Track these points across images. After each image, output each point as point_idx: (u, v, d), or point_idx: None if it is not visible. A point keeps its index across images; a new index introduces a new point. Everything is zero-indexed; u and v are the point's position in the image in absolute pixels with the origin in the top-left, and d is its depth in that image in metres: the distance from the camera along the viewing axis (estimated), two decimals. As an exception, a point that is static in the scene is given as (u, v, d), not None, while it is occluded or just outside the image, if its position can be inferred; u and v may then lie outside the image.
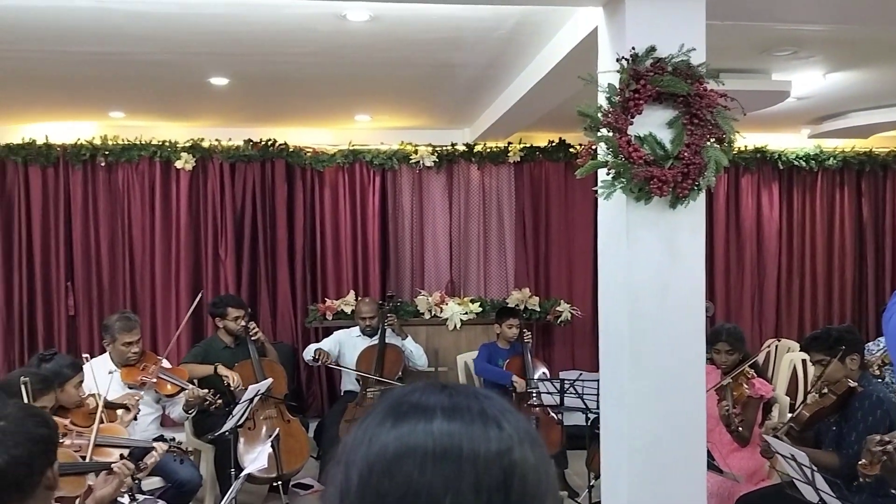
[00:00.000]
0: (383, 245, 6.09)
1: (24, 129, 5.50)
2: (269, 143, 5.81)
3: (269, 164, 5.88)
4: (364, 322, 5.18)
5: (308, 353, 5.15)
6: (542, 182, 6.22)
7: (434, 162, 6.01)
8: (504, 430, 0.70)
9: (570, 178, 6.20)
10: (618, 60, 2.61)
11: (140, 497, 3.20)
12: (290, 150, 5.87)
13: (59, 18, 3.16)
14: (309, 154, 5.92)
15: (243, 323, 4.73)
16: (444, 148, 6.04)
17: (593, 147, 2.71)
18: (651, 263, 2.64)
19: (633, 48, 2.61)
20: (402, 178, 6.12)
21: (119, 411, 3.49)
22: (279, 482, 4.42)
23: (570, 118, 5.27)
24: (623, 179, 2.54)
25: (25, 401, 2.46)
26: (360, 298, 5.54)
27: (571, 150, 6.10)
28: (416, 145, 6.01)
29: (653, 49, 2.61)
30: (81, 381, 3.27)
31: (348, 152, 5.95)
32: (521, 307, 5.56)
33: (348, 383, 5.26)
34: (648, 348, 2.63)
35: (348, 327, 5.38)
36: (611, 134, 2.55)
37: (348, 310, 5.62)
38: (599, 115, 2.56)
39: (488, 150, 6.08)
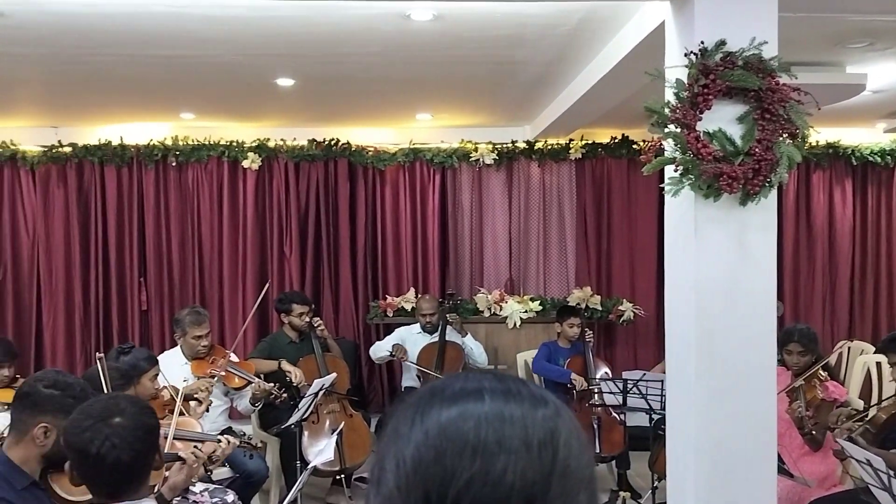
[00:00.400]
0: (443, 243, 6.12)
1: (101, 131, 5.72)
2: (332, 142, 5.90)
3: (332, 163, 5.98)
4: (424, 319, 5.22)
5: (380, 349, 5.17)
6: (603, 179, 6.16)
7: (494, 159, 6.01)
8: (549, 406, 0.76)
9: (633, 174, 6.12)
10: (686, 55, 2.56)
11: (210, 486, 3.31)
12: (353, 149, 5.96)
13: (136, 23, 3.29)
14: (370, 153, 6.00)
15: (307, 319, 4.83)
16: (504, 145, 6.04)
17: (659, 143, 2.67)
18: (720, 262, 2.58)
19: (703, 42, 2.56)
20: (462, 176, 6.14)
21: (192, 403, 3.61)
22: (342, 475, 4.51)
23: (633, 114, 5.25)
24: (691, 176, 2.49)
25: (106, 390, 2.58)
26: (420, 296, 5.59)
27: (635, 146, 6.02)
28: (476, 143, 6.02)
29: (723, 43, 2.56)
30: (157, 375, 3.40)
31: (409, 151, 6.01)
32: (583, 306, 5.52)
33: (408, 380, 5.31)
34: (717, 349, 2.58)
35: (408, 324, 5.43)
36: (679, 130, 2.50)
37: (408, 307, 5.67)
38: (667, 111, 2.52)
39: (549, 147, 6.05)
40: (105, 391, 2.63)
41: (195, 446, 2.60)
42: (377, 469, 0.76)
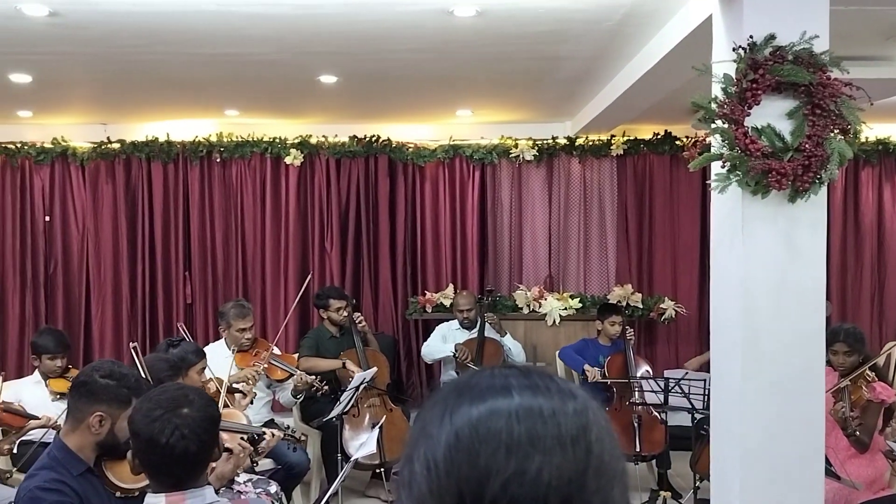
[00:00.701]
0: (482, 239, 6.12)
1: (148, 128, 5.84)
2: (373, 139, 5.95)
3: (373, 159, 6.02)
4: (462, 315, 5.23)
5: (438, 350, 5.15)
6: (645, 175, 6.09)
7: (534, 156, 5.99)
8: (578, 399, 0.75)
9: (676, 171, 6.04)
10: (734, 49, 2.53)
11: (254, 477, 3.37)
12: (393, 145, 5.99)
13: (186, 22, 3.36)
14: (411, 149, 6.02)
15: (345, 314, 4.88)
16: (545, 141, 6.01)
17: (705, 139, 2.64)
18: (768, 260, 2.54)
19: (751, 37, 2.52)
20: (502, 172, 6.13)
21: (236, 395, 3.68)
22: (381, 469, 4.56)
23: (676, 110, 5.18)
24: (739, 172, 2.46)
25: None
26: (458, 292, 5.60)
27: (678, 142, 5.95)
28: (517, 139, 6.00)
29: (772, 37, 2.52)
30: (204, 368, 3.47)
31: (449, 147, 6.02)
32: (624, 304, 5.47)
33: (447, 375, 5.33)
34: (764, 348, 2.54)
35: (447, 320, 5.45)
36: (726, 125, 2.47)
37: (447, 303, 5.69)
38: (714, 106, 2.49)
39: (590, 143, 6.00)
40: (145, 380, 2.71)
41: (242, 437, 2.65)
42: (407, 470, 0.75)
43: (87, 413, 2.12)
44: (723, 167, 2.50)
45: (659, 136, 6.01)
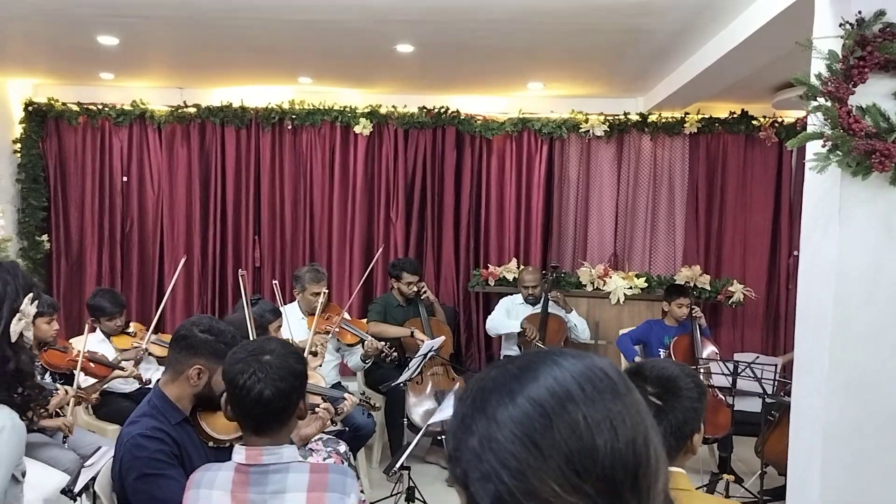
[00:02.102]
0: (547, 214, 6.08)
1: (222, 93, 5.95)
2: (442, 110, 5.94)
3: (441, 130, 6.02)
4: (527, 291, 5.22)
5: (503, 325, 5.15)
6: (719, 155, 5.95)
7: (605, 131, 5.91)
8: (605, 359, 0.79)
9: (751, 151, 5.90)
10: (841, 25, 2.43)
11: (324, 436, 3.46)
12: (461, 117, 5.97)
13: (274, -12, 3.39)
14: (479, 122, 6.00)
15: (415, 288, 4.94)
16: (616, 117, 5.92)
17: (804, 118, 2.56)
18: (864, 244, 2.47)
19: (860, 12, 2.42)
20: (571, 147, 6.07)
21: (308, 357, 3.75)
22: (442, 437, 4.62)
23: (756, 88, 5.05)
24: (840, 153, 2.38)
25: (251, 335, 2.72)
26: (523, 267, 5.59)
27: (754, 122, 5.79)
28: (587, 114, 5.92)
29: (882, 13, 2.42)
30: (280, 326, 3.56)
31: (517, 120, 5.97)
32: (691, 285, 5.39)
33: (508, 349, 5.35)
34: (855, 336, 2.48)
35: (509, 294, 5.46)
36: (829, 104, 2.39)
37: (510, 277, 5.69)
38: (818, 83, 2.41)
39: (663, 120, 5.89)
40: (250, 333, 2.80)
41: (323, 399, 2.71)
42: (463, 446, 0.75)
43: (187, 365, 2.20)
44: (823, 146, 2.42)
45: (735, 116, 5.85)
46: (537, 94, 5.87)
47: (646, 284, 5.52)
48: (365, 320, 4.85)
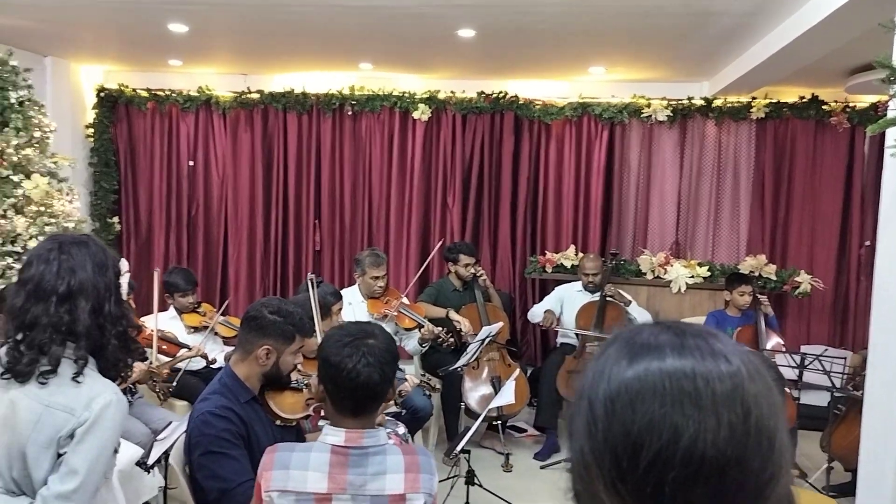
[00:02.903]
0: (606, 201, 6.01)
1: (284, 79, 6.05)
2: (500, 95, 5.91)
3: (499, 116, 5.99)
4: (587, 278, 5.17)
5: (536, 315, 5.18)
6: (787, 141, 5.77)
7: (667, 116, 5.78)
8: (733, 364, 0.72)
9: (821, 137, 5.71)
10: (928, 5, 2.32)
11: (384, 417, 3.51)
12: (520, 102, 5.93)
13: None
14: (538, 106, 5.95)
15: (472, 270, 4.95)
16: (680, 102, 5.79)
17: (885, 103, 2.46)
18: (947, 234, 2.37)
19: (948, -10, 2.31)
20: (632, 132, 5.97)
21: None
22: (498, 422, 4.64)
23: (828, 72, 4.87)
24: (923, 139, 2.29)
25: (316, 320, 2.78)
26: (584, 254, 5.53)
27: (825, 107, 5.59)
28: (650, 98, 5.81)
29: (972, -9, 2.30)
30: (341, 309, 3.62)
31: (577, 105, 5.90)
32: (755, 274, 5.25)
33: (564, 336, 5.32)
34: (934, 327, 2.39)
35: (566, 281, 5.42)
36: (913, 88, 2.29)
37: (568, 263, 5.65)
38: (901, 66, 2.31)
39: (728, 104, 5.73)
40: (315, 316, 2.85)
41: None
42: (570, 423, 0.76)
43: (256, 345, 2.27)
44: (905, 132, 2.33)
45: (805, 100, 5.66)
46: (598, 79, 5.78)
47: (708, 273, 5.40)
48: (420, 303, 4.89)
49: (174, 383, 3.59)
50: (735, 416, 0.69)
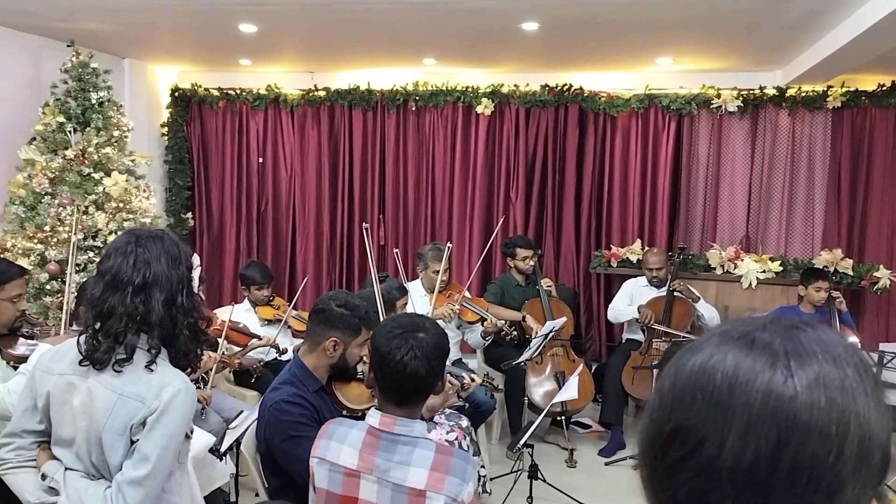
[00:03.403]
0: (674, 194, 5.89)
1: (350, 76, 6.14)
2: (564, 87, 5.85)
3: (563, 109, 5.94)
4: (650, 273, 5.08)
5: (623, 313, 5.05)
6: (865, 131, 5.54)
7: (738, 107, 5.62)
8: (798, 384, 0.63)
9: (902, 127, 5.45)
10: None
11: (447, 410, 3.54)
12: (585, 94, 5.86)
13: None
14: (603, 99, 5.87)
15: (532, 263, 4.92)
16: (751, 92, 5.61)
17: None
18: None
19: None
20: (700, 123, 5.83)
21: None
22: (562, 417, 4.61)
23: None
24: None
25: (381, 311, 2.83)
26: (648, 249, 5.44)
27: (906, 95, 5.34)
28: (719, 89, 5.66)
29: None
30: (406, 303, 3.66)
31: (644, 97, 5.80)
32: (831, 269, 5.07)
33: (631, 332, 5.24)
34: None
35: (632, 276, 5.34)
36: None
37: (634, 258, 5.56)
38: None
39: (803, 94, 5.53)
40: (380, 309, 2.90)
41: (448, 374, 2.78)
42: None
43: (324, 337, 2.33)
44: None
45: (884, 88, 5.42)
46: (665, 69, 5.67)
47: (781, 268, 5.23)
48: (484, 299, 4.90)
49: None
50: (766, 441, 0.62)
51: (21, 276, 2.49)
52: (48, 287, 4.43)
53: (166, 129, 6.37)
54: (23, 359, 2.39)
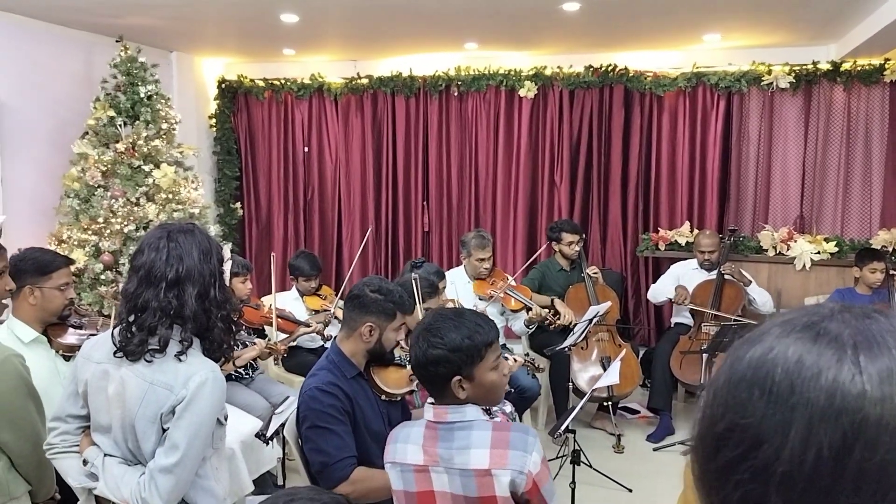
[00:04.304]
0: (723, 175, 5.74)
1: (392, 62, 6.15)
2: (609, 68, 5.75)
3: (608, 89, 5.84)
4: (702, 256, 4.97)
5: (660, 293, 4.99)
6: (926, 105, 5.29)
7: (790, 83, 5.43)
8: (866, 379, 0.57)
9: (967, 99, 5.18)
10: None
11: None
12: (630, 74, 5.75)
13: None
14: (649, 78, 5.74)
15: (577, 248, 4.86)
16: (804, 67, 5.42)
17: None
18: None
19: None
20: (751, 101, 5.65)
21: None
22: (609, 402, 4.57)
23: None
24: None
25: (417, 300, 2.85)
26: (699, 231, 5.32)
27: (971, 65, 5.08)
28: (770, 65, 5.47)
29: None
30: (444, 287, 3.66)
31: (691, 75, 5.65)
32: (889, 249, 4.87)
33: (680, 316, 5.14)
34: None
35: (681, 259, 5.23)
36: None
37: (682, 241, 5.45)
38: None
39: (859, 68, 5.31)
40: (416, 295, 2.92)
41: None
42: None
43: (360, 323, 2.35)
44: None
45: (948, 59, 5.17)
46: (713, 46, 5.51)
47: (836, 249, 5.06)
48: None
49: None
50: (830, 443, 0.56)
51: (66, 265, 2.56)
52: (103, 277, 4.58)
53: (214, 120, 6.49)
54: (72, 348, 2.48)
